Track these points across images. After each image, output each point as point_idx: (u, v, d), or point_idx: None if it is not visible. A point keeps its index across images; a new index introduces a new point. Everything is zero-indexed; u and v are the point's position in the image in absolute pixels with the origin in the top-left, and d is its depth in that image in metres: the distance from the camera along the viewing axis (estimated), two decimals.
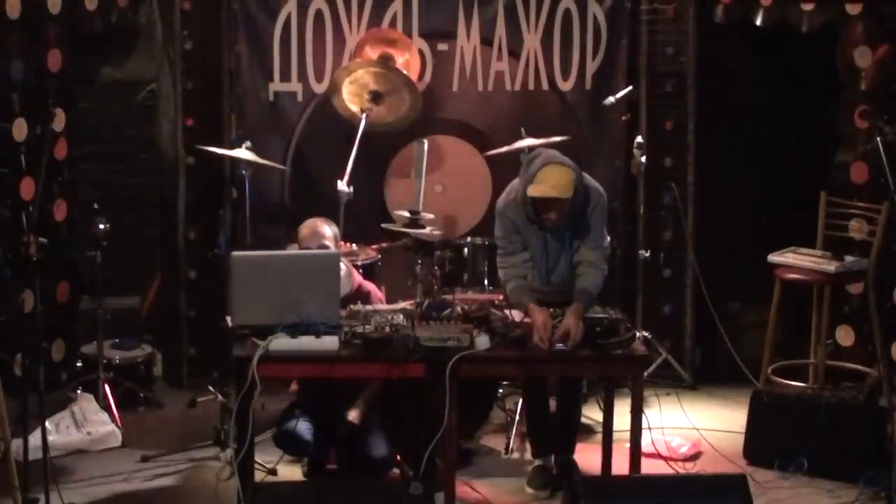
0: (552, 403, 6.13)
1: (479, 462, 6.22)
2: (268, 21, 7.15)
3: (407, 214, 6.80)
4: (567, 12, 7.19)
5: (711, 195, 7.43)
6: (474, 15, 7.19)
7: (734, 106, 7.39)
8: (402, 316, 5.51)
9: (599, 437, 6.03)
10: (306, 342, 5.28)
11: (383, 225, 7.04)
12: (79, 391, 6.64)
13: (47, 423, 5.84)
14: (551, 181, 5.50)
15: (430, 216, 6.91)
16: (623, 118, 7.26)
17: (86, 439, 6.41)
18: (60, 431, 6.37)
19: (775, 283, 6.79)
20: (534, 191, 5.53)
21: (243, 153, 6.83)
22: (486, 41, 7.21)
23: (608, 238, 5.89)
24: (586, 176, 5.74)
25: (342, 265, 5.67)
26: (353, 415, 5.83)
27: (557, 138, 6.56)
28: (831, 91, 7.05)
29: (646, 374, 5.61)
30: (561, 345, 5.36)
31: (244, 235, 6.93)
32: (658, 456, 6.12)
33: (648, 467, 5.86)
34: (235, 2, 7.13)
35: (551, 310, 5.64)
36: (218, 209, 7.25)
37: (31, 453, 5.36)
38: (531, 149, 6.34)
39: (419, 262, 6.66)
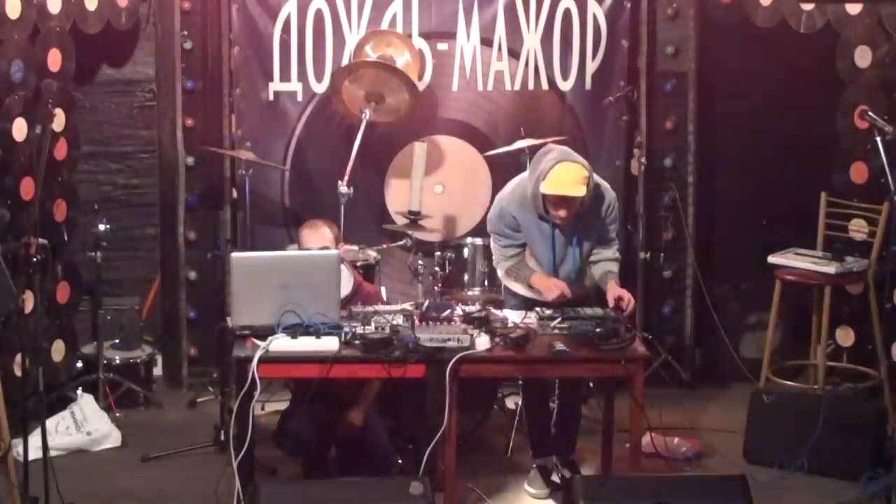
0: (552, 403, 6.14)
1: (479, 462, 6.22)
2: (268, 21, 7.15)
3: (407, 215, 6.82)
4: (567, 12, 7.19)
5: (711, 195, 7.43)
6: (474, 15, 7.18)
7: (734, 106, 7.39)
8: (402, 316, 5.51)
9: (599, 437, 6.03)
10: (306, 343, 5.29)
11: (383, 225, 7.06)
12: (79, 391, 6.64)
13: (47, 423, 5.84)
14: (565, 179, 5.49)
15: (430, 216, 6.92)
16: (623, 118, 7.25)
17: (86, 439, 6.41)
18: (60, 431, 6.37)
19: (775, 283, 6.79)
20: (547, 188, 5.52)
21: (243, 153, 6.84)
22: (486, 41, 7.21)
23: (618, 223, 5.92)
24: (595, 175, 5.75)
25: (342, 266, 5.67)
26: (354, 415, 5.83)
27: (557, 138, 6.55)
28: (831, 91, 7.05)
29: (646, 374, 5.60)
30: (561, 345, 5.37)
31: (244, 235, 6.93)
32: (658, 456, 6.12)
33: (648, 467, 5.86)
34: (235, 2, 7.13)
35: (551, 310, 5.65)
36: (218, 209, 7.25)
37: (31, 453, 5.36)
38: (531, 149, 6.34)
39: (419, 262, 6.67)
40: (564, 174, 5.50)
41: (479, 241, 6.68)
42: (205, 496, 5.76)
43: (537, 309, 5.69)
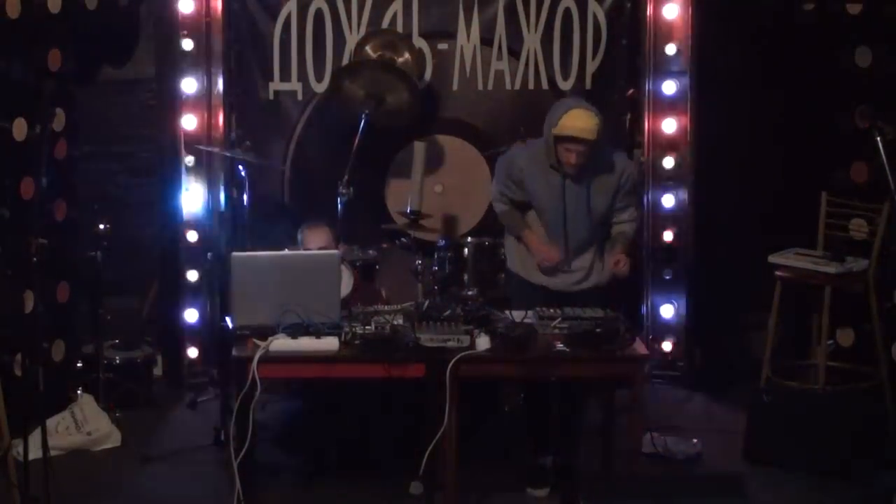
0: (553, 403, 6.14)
1: (479, 462, 6.22)
2: (268, 21, 7.15)
3: (407, 214, 6.81)
4: (567, 12, 7.19)
5: (711, 195, 7.43)
6: (474, 14, 7.19)
7: (734, 106, 7.38)
8: (402, 316, 5.51)
9: (599, 437, 6.03)
10: (306, 343, 5.29)
11: (383, 225, 7.06)
12: (79, 391, 6.64)
13: (47, 423, 5.84)
14: (575, 122, 5.63)
15: (430, 216, 6.92)
16: (623, 118, 7.25)
17: (86, 439, 6.41)
18: (60, 431, 6.36)
19: (776, 283, 6.78)
20: (558, 130, 5.64)
21: (243, 153, 6.83)
22: (486, 41, 7.21)
23: (636, 193, 6.04)
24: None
25: (342, 265, 5.67)
26: None
27: None
28: (831, 91, 7.04)
29: (646, 374, 5.61)
30: (561, 345, 5.37)
31: (244, 235, 6.93)
32: (658, 456, 6.12)
33: (648, 467, 5.86)
34: (235, 2, 7.13)
35: (552, 310, 5.66)
36: (218, 209, 7.25)
37: (31, 453, 5.36)
38: None
39: (419, 262, 6.67)
40: (575, 118, 5.63)
41: (479, 240, 6.67)
42: (205, 496, 5.76)
43: (538, 308, 5.69)
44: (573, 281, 5.88)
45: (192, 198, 7.25)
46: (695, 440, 6.41)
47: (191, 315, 7.30)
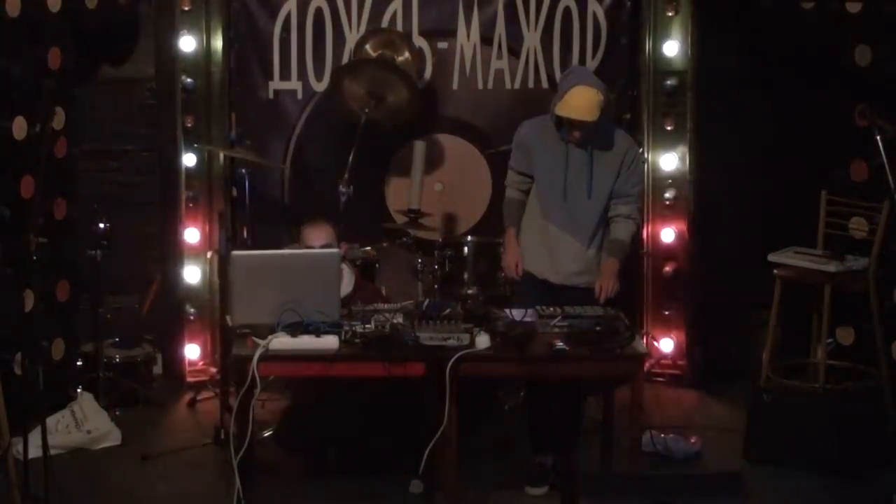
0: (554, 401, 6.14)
1: (479, 461, 6.22)
2: (268, 20, 7.15)
3: (407, 213, 6.82)
4: (567, 11, 7.20)
5: (711, 194, 7.43)
6: (474, 13, 7.19)
7: (734, 106, 7.38)
8: (402, 315, 5.51)
9: (599, 436, 6.03)
10: (306, 341, 5.29)
11: (383, 223, 7.06)
12: (79, 390, 6.64)
13: (47, 422, 5.84)
14: (578, 103, 5.67)
15: (430, 214, 6.92)
16: (623, 116, 7.25)
17: (86, 438, 6.41)
18: (60, 430, 6.36)
19: (775, 282, 6.79)
20: (561, 110, 5.71)
21: (243, 152, 6.83)
22: (486, 39, 7.21)
23: (642, 185, 5.97)
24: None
25: (343, 264, 5.68)
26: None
27: None
28: (831, 90, 7.04)
29: (646, 373, 5.60)
30: (561, 344, 5.36)
31: (244, 235, 6.93)
32: (658, 455, 6.12)
33: (648, 466, 5.86)
34: (235, 1, 7.13)
35: (552, 309, 5.65)
36: (218, 209, 7.25)
37: (31, 452, 5.36)
38: None
39: (419, 260, 6.67)
40: (578, 98, 5.67)
41: (479, 239, 6.67)
42: (205, 495, 5.76)
43: (538, 307, 5.69)
44: (572, 271, 5.87)
45: (192, 198, 7.25)
46: (694, 439, 6.42)
47: (190, 314, 7.29)
